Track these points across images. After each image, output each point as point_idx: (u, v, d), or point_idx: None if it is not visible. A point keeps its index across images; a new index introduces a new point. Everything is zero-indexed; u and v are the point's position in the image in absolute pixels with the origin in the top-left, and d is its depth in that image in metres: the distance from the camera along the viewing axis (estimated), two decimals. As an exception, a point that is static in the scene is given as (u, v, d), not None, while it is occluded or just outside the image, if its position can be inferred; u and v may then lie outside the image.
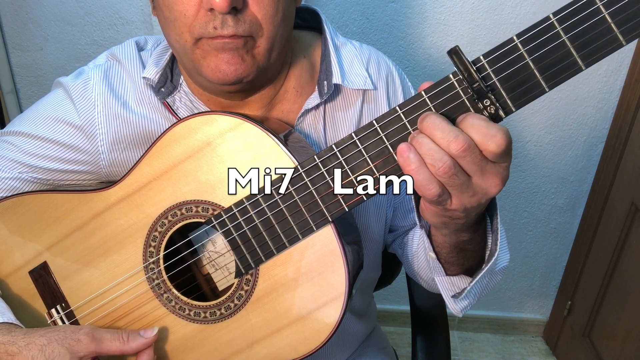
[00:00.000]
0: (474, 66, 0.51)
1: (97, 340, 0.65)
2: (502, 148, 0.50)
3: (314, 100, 0.75)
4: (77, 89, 0.76)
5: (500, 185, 0.54)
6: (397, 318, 2.03)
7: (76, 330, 0.65)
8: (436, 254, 0.69)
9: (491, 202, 0.63)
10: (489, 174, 0.53)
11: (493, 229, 0.65)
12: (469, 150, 0.50)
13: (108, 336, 0.66)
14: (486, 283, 0.73)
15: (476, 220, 0.61)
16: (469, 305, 0.75)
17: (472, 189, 0.53)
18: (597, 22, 0.47)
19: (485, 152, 0.51)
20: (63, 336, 0.64)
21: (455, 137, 0.50)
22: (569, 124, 1.64)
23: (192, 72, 0.71)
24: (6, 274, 0.75)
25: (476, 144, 0.51)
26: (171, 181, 0.67)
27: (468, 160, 0.51)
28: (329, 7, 1.52)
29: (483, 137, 0.50)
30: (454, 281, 0.72)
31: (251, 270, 0.66)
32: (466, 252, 0.67)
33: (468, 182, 0.53)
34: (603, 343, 1.66)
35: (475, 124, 0.51)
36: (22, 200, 0.73)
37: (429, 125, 0.52)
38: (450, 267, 0.70)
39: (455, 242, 0.65)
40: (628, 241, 1.55)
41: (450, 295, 0.73)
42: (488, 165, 0.52)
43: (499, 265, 0.71)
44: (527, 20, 1.48)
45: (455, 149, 0.50)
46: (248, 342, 0.69)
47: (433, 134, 0.51)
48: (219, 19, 0.61)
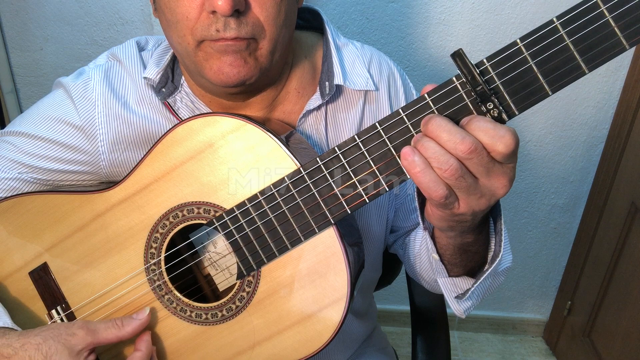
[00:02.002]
0: (477, 69, 0.50)
1: (92, 332, 0.65)
2: (511, 149, 0.50)
3: (316, 101, 0.75)
4: (78, 89, 0.76)
5: (508, 186, 0.54)
6: (397, 318, 2.03)
7: (70, 325, 0.65)
8: (439, 255, 0.69)
9: (495, 204, 0.63)
10: (496, 175, 0.53)
11: (497, 230, 0.65)
12: (476, 152, 0.50)
13: (102, 326, 0.66)
14: (489, 284, 0.73)
15: (480, 222, 0.61)
16: (472, 306, 0.75)
17: (479, 191, 0.53)
18: (601, 25, 0.47)
19: (494, 154, 0.51)
20: (58, 333, 0.64)
21: (462, 139, 0.50)
22: (569, 124, 1.64)
23: (194, 74, 0.71)
24: (6, 275, 0.75)
25: (484, 145, 0.50)
26: (173, 182, 0.66)
27: (475, 162, 0.51)
28: (329, 7, 1.52)
29: (491, 139, 0.50)
30: (456, 282, 0.72)
31: (253, 271, 0.66)
32: (470, 253, 0.67)
33: (475, 184, 0.53)
34: (603, 343, 1.67)
35: (482, 126, 0.50)
36: (22, 201, 0.73)
37: (435, 127, 0.51)
38: (453, 268, 0.70)
39: (460, 244, 0.65)
40: (628, 241, 1.55)
41: (453, 297, 0.73)
42: (495, 166, 0.52)
43: (502, 267, 0.71)
44: (527, 20, 1.48)
45: (463, 151, 0.50)
46: (250, 344, 0.68)
47: (439, 136, 0.51)
48: (222, 22, 0.61)
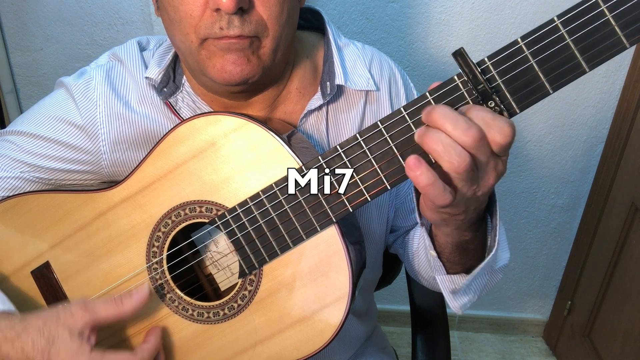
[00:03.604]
0: (478, 68, 0.51)
1: (91, 310, 0.64)
2: (509, 139, 0.49)
3: (317, 101, 0.75)
4: (79, 89, 0.76)
5: (495, 179, 0.53)
6: (397, 318, 2.03)
7: (68, 306, 0.65)
8: (438, 254, 0.70)
9: (492, 200, 0.64)
10: (490, 167, 0.52)
11: (492, 226, 0.65)
12: (482, 140, 0.49)
13: (101, 304, 0.65)
14: (486, 281, 0.73)
15: (477, 219, 0.61)
16: (469, 302, 0.75)
17: (476, 182, 0.53)
18: (602, 24, 0.47)
19: (492, 143, 0.50)
20: (56, 315, 0.64)
21: (468, 127, 0.48)
22: (569, 124, 1.64)
23: (196, 73, 0.71)
24: (8, 274, 0.75)
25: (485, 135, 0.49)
26: (175, 181, 0.67)
27: (481, 152, 0.49)
28: (329, 7, 1.52)
29: (490, 129, 0.49)
30: (454, 280, 0.72)
31: (255, 270, 0.66)
32: (468, 252, 0.67)
33: (476, 175, 0.52)
34: (603, 343, 1.67)
35: (481, 115, 0.50)
36: (24, 200, 0.73)
37: (439, 116, 0.49)
38: (452, 266, 0.71)
39: (458, 242, 0.65)
40: (628, 241, 1.55)
41: (449, 290, 0.74)
42: (491, 157, 0.51)
43: (499, 264, 0.71)
44: (527, 20, 1.48)
45: (470, 140, 0.48)
46: (251, 343, 0.69)
47: (443, 125, 0.49)
48: (225, 20, 0.61)
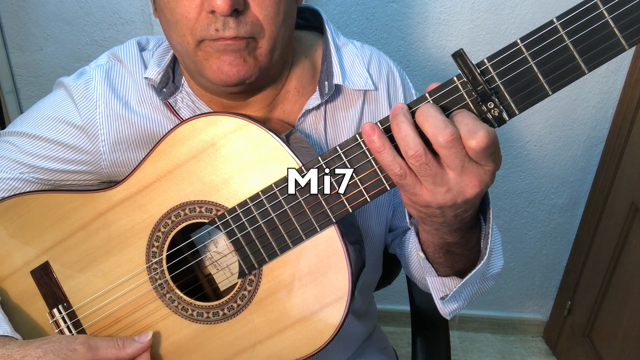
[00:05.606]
0: (478, 69, 0.51)
1: (93, 349, 0.65)
2: (482, 146, 0.50)
3: (315, 100, 0.75)
4: (79, 89, 0.76)
5: (477, 188, 0.53)
6: (397, 318, 2.03)
7: (71, 340, 0.66)
8: (424, 253, 0.70)
9: (486, 207, 0.64)
10: (469, 173, 0.53)
11: (485, 234, 0.65)
12: (455, 142, 0.51)
13: (104, 344, 0.67)
14: (477, 288, 0.73)
15: (461, 226, 0.61)
16: (458, 308, 0.75)
17: (446, 184, 0.53)
18: (600, 26, 0.47)
19: (467, 148, 0.51)
20: (59, 347, 0.64)
21: (445, 127, 0.51)
22: (569, 124, 1.64)
23: (194, 74, 0.71)
24: (8, 274, 0.75)
25: (461, 138, 0.51)
26: (175, 181, 0.67)
27: (453, 153, 0.51)
28: (329, 7, 1.52)
29: (467, 133, 0.50)
30: (445, 282, 0.72)
31: (254, 270, 0.66)
32: (454, 254, 0.67)
33: (442, 175, 0.53)
34: (603, 343, 1.67)
35: (462, 120, 0.51)
36: (24, 200, 0.73)
37: (421, 112, 0.53)
38: (439, 267, 0.71)
39: (440, 243, 0.65)
40: (628, 241, 1.55)
41: (439, 297, 0.74)
42: (470, 163, 0.52)
43: (491, 272, 0.71)
44: (527, 20, 1.48)
45: (443, 138, 0.50)
46: (251, 343, 0.69)
47: (425, 120, 0.52)
48: (221, 21, 0.62)
